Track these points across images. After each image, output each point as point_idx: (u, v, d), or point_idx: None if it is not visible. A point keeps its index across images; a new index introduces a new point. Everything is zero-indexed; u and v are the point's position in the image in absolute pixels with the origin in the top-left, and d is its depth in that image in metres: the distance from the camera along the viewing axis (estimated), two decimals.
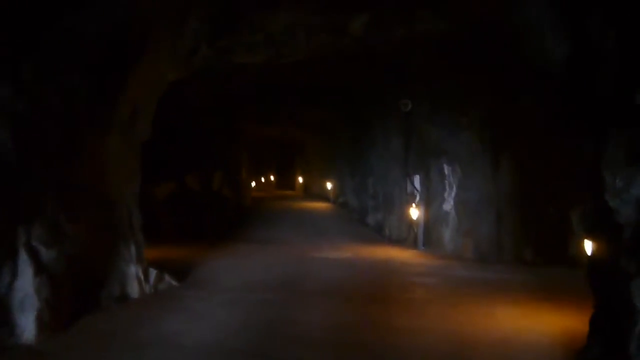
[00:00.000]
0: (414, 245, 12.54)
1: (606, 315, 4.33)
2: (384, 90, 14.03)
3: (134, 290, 7.18)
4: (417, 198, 12.73)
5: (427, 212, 12.09)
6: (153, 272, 7.60)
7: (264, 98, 19.74)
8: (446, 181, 11.71)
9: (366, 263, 10.18)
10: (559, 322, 5.90)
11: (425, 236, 12.05)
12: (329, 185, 24.23)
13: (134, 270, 7.29)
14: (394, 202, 14.47)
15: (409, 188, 13.31)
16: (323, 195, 25.83)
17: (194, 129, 16.77)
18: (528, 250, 10.51)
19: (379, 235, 15.05)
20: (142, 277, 7.35)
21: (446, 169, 11.68)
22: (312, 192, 30.16)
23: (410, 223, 12.89)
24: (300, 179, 34.76)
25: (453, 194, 11.59)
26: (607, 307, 4.33)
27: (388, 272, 9.09)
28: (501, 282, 8.31)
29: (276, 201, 25.78)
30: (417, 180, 12.90)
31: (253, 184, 52.53)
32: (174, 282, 7.66)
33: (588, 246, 5.01)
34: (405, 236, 13.32)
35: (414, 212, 12.09)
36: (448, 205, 11.66)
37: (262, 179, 52.56)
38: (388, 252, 11.83)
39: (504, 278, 8.66)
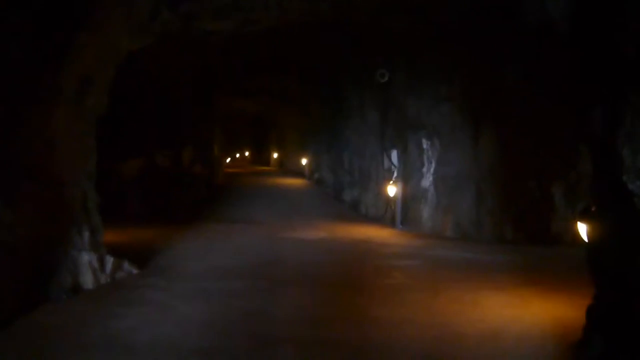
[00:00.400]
0: (391, 223, 12.08)
1: (609, 306, 3.86)
2: (361, 60, 13.38)
3: (87, 280, 6.52)
4: (395, 174, 12.23)
5: (405, 188, 11.60)
6: (110, 260, 6.93)
7: (236, 70, 18.95)
8: (425, 156, 11.22)
9: (342, 244, 9.67)
10: (548, 310, 5.45)
11: (403, 214, 11.59)
12: (304, 161, 23.61)
13: (87, 258, 6.62)
14: (371, 177, 13.96)
15: (386, 163, 12.79)
16: (298, 171, 25.23)
17: (163, 102, 15.92)
18: (509, 228, 10.11)
19: (355, 212, 14.57)
20: (96, 266, 6.68)
21: (425, 143, 11.18)
22: (288, 168, 29.51)
23: (388, 200, 12.41)
24: (275, 155, 34.04)
25: (432, 169, 11.11)
26: (610, 298, 3.86)
27: (365, 253, 8.59)
28: (483, 264, 7.87)
29: (250, 177, 25.09)
30: (394, 155, 12.39)
31: (228, 160, 51.67)
32: (134, 270, 7.02)
33: (583, 230, 4.51)
34: (382, 214, 12.84)
35: (392, 189, 11.60)
36: (427, 181, 11.19)
37: (237, 155, 51.69)
38: (365, 231, 11.35)
39: (485, 259, 8.24)
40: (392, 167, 12.41)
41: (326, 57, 15.13)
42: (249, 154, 45.85)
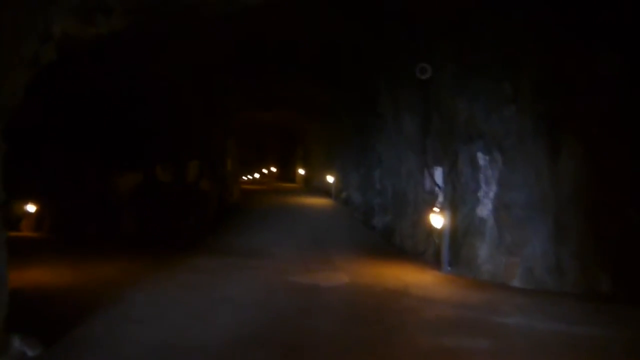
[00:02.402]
0: (434, 262, 9.28)
1: None
2: (395, 54, 10.69)
3: None
4: (440, 198, 9.42)
5: (453, 218, 8.79)
6: None
7: (252, 76, 16.52)
8: (481, 175, 8.40)
9: (368, 296, 6.89)
10: None
11: (452, 252, 8.75)
12: (329, 179, 20.94)
13: None
14: (408, 201, 11.18)
15: (428, 184, 10.01)
16: (325, 190, 22.60)
17: (167, 109, 13.59)
18: (604, 278, 7.19)
19: (388, 243, 11.78)
20: None
21: (481, 159, 8.37)
22: (313, 185, 26.88)
23: (430, 231, 9.61)
24: (301, 171, 31.48)
25: (492, 193, 8.27)
26: None
27: (400, 319, 5.76)
28: (598, 346, 4.96)
29: (270, 196, 22.52)
30: (438, 173, 9.60)
31: (256, 175, 49.48)
32: (29, 352, 4.44)
33: None
34: (423, 249, 10.03)
35: (436, 219, 8.79)
36: (484, 210, 8.35)
37: (265, 171, 49.44)
38: (400, 274, 8.56)
39: (593, 333, 5.33)
40: (436, 189, 9.63)
41: (354, 55, 12.52)
42: (276, 170, 43.48)
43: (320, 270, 8.71)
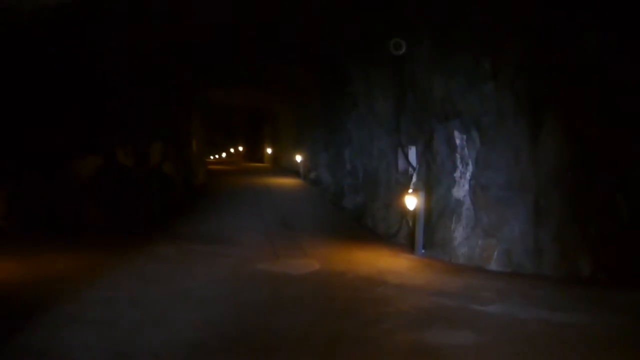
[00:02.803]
0: (408, 245, 8.97)
1: None
2: (368, 30, 10.19)
3: None
4: (414, 179, 9.07)
5: (428, 199, 8.45)
6: None
7: (218, 52, 15.81)
8: (458, 155, 8.05)
9: (341, 285, 6.49)
10: None
11: (427, 235, 8.43)
12: (298, 158, 20.44)
13: None
14: (380, 182, 10.81)
15: (401, 164, 9.64)
16: (294, 170, 22.11)
17: (126, 86, 12.79)
18: (584, 261, 6.95)
19: (359, 225, 11.41)
20: None
21: (458, 138, 8.02)
22: (282, 165, 26.36)
23: (403, 213, 9.27)
24: (269, 151, 30.86)
25: (469, 173, 7.95)
26: None
27: (376, 313, 5.36)
28: (591, 338, 4.65)
29: (237, 177, 21.89)
30: (412, 153, 9.24)
31: (223, 155, 48.49)
32: None
33: None
34: (395, 231, 9.70)
35: (410, 200, 8.43)
36: (461, 191, 8.03)
37: (232, 150, 48.56)
38: (373, 259, 8.20)
39: (584, 323, 5.02)
40: (410, 169, 9.26)
41: (325, 30, 11.96)
42: (243, 149, 42.72)
43: (290, 256, 8.27)
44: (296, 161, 20.81)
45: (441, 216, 8.26)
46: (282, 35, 13.06)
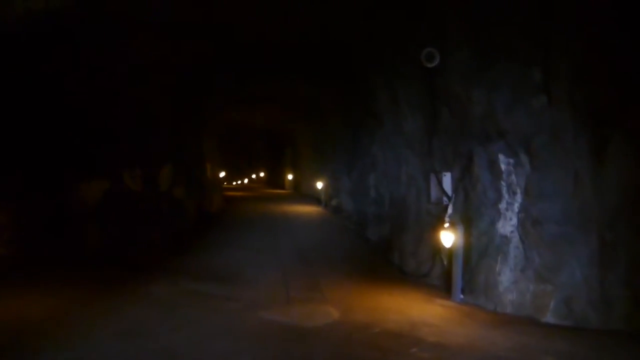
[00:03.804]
0: (442, 287, 7.68)
1: None
2: (393, 41, 9.06)
3: None
4: (450, 210, 7.80)
5: (467, 235, 7.17)
6: None
7: (234, 71, 14.94)
8: (503, 182, 6.79)
9: (365, 347, 5.20)
10: None
11: (466, 276, 7.13)
12: (319, 185, 19.28)
13: None
14: (408, 212, 9.55)
15: (434, 193, 8.39)
16: (314, 196, 20.96)
17: (135, 108, 11.94)
18: None
19: (385, 260, 10.12)
20: None
21: (503, 162, 6.76)
22: (302, 191, 25.23)
23: (437, 250, 8.00)
24: (290, 176, 29.80)
25: (517, 205, 6.66)
26: None
27: None
28: None
29: (255, 204, 20.80)
30: (447, 180, 7.99)
31: (243, 181, 47.68)
32: None
33: None
34: (427, 269, 8.40)
35: (446, 236, 7.16)
36: (507, 225, 6.74)
37: (253, 176, 47.76)
38: (403, 305, 6.91)
39: None
40: (444, 198, 8.01)
41: (345, 46, 10.92)
42: (264, 175, 41.81)
43: (305, 301, 7.05)
44: (317, 187, 19.66)
45: (483, 255, 6.96)
46: (303, 54, 12.11)
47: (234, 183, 46.78)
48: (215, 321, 5.95)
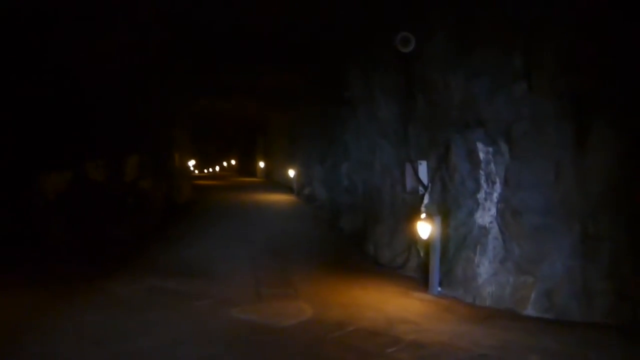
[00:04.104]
0: (419, 279, 7.47)
1: None
2: (367, 25, 8.73)
3: None
4: (426, 200, 7.56)
5: (445, 225, 6.93)
6: None
7: (205, 57, 14.45)
8: (482, 172, 6.56)
9: (340, 348, 4.93)
10: None
11: (443, 268, 6.90)
12: (291, 173, 18.94)
13: None
14: (383, 202, 9.30)
15: (410, 182, 8.14)
16: (287, 184, 20.60)
17: (99, 94, 11.33)
18: None
19: (359, 252, 9.87)
20: None
21: (482, 151, 6.53)
22: (275, 179, 24.86)
23: (412, 241, 7.76)
24: (262, 164, 29.36)
25: (496, 195, 6.45)
26: None
27: None
28: None
29: (226, 193, 20.33)
30: (423, 169, 7.75)
31: (214, 169, 46.95)
32: None
33: None
34: (403, 261, 8.17)
35: (424, 227, 6.91)
36: (486, 216, 6.52)
37: (224, 164, 47.11)
38: (378, 299, 6.65)
39: None
40: (420, 188, 7.77)
41: (316, 31, 10.55)
42: (236, 163, 41.21)
43: (276, 297, 6.73)
44: (289, 175, 19.31)
45: (461, 247, 6.74)
46: (271, 35, 11.68)
47: (205, 171, 46.06)
48: (181, 323, 5.58)
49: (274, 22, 10.37)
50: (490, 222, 6.46)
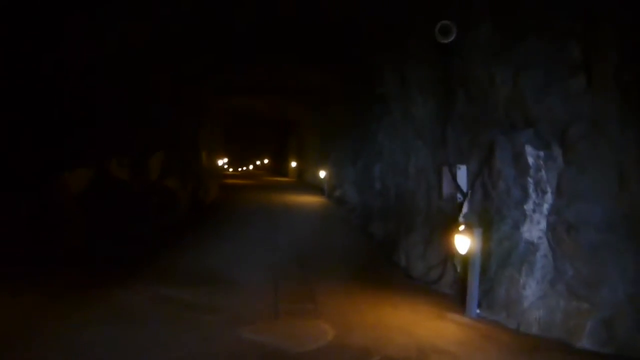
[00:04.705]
0: (455, 297, 6.69)
1: None
2: (403, 13, 7.97)
3: None
4: (465, 209, 6.76)
5: (486, 239, 6.13)
6: None
7: (234, 52, 13.94)
8: (530, 179, 5.73)
9: None
10: None
11: (484, 288, 6.10)
12: (322, 174, 18.27)
13: None
14: (417, 209, 8.53)
15: (447, 188, 7.36)
16: (318, 185, 19.96)
17: (123, 89, 10.93)
18: None
19: (390, 262, 9.11)
20: None
21: (531, 155, 5.70)
22: (306, 180, 24.24)
23: (449, 254, 6.98)
24: (294, 164, 28.80)
25: (546, 206, 5.62)
26: None
27: None
28: None
29: (256, 194, 19.80)
30: (462, 174, 6.96)
31: (248, 167, 46.75)
32: None
33: None
34: (438, 276, 7.39)
35: (462, 241, 6.13)
36: (534, 230, 5.70)
37: (258, 163, 46.88)
38: (409, 321, 5.91)
39: None
40: (458, 195, 6.98)
41: (350, 25, 9.85)
42: (269, 162, 40.84)
43: (295, 313, 6.07)
44: (320, 176, 18.65)
45: (505, 264, 5.93)
46: (306, 35, 11.07)
47: (239, 169, 45.94)
48: (187, 342, 4.98)
49: (304, 14, 9.75)
50: (539, 238, 5.64)
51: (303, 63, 13.93)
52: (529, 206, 5.74)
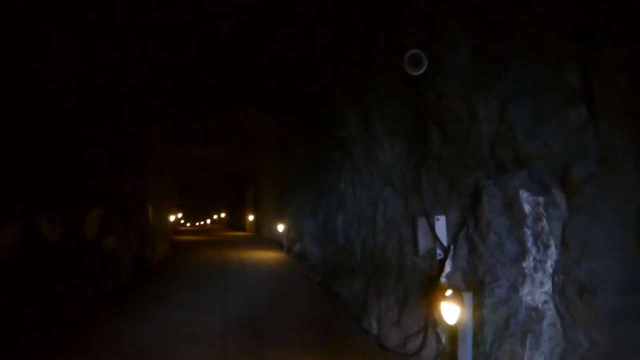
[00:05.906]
0: None
1: None
2: (366, 42, 7.09)
3: None
4: (448, 268, 5.69)
5: (476, 304, 5.04)
6: None
7: (183, 97, 12.94)
8: (527, 231, 4.73)
9: None
10: None
11: None
12: (280, 228, 17.06)
13: None
14: (389, 266, 7.42)
15: (423, 243, 6.29)
16: (277, 240, 18.70)
17: (57, 139, 9.70)
18: None
19: (358, 327, 7.89)
20: None
21: (527, 201, 4.72)
22: (264, 234, 22.93)
23: (429, 322, 5.85)
24: (251, 217, 27.47)
25: (550, 262, 4.60)
26: None
27: None
28: None
29: (209, 251, 18.33)
30: (442, 225, 5.92)
31: (205, 222, 44.96)
32: None
33: None
34: (417, 347, 6.21)
35: (450, 309, 5.01)
36: (536, 292, 4.65)
37: (215, 217, 45.28)
38: None
39: None
40: (438, 251, 5.92)
41: (307, 64, 9.00)
42: (226, 216, 39.31)
43: None
44: (278, 230, 17.43)
45: (502, 335, 4.83)
46: (260, 79, 10.18)
47: (197, 224, 44.08)
48: None
49: (264, 60, 8.87)
50: (545, 302, 4.59)
51: (255, 107, 13.03)
52: (528, 263, 4.71)
